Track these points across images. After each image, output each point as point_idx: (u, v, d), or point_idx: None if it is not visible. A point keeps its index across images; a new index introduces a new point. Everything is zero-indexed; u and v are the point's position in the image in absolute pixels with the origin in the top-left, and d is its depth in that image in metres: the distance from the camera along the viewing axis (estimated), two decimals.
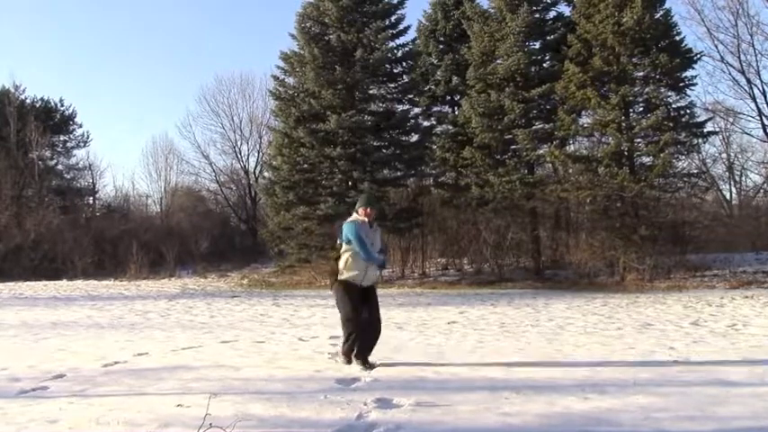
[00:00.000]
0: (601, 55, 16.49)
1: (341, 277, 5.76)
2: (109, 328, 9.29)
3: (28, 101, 30.07)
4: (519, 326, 8.89)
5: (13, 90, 29.23)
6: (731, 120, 22.26)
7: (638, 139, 16.86)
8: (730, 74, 20.44)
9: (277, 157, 19.45)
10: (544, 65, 18.84)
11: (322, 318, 10.16)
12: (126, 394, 4.88)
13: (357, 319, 5.66)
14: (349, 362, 5.74)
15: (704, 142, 18.75)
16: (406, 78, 19.96)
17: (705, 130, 17.55)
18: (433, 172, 20.99)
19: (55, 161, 31.54)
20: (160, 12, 55.12)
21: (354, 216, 5.89)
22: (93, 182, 32.28)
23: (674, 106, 16.83)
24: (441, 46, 21.88)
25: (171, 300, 13.71)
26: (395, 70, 19.90)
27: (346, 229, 5.77)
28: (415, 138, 20.01)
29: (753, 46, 19.77)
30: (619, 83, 16.47)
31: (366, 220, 5.80)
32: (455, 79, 20.46)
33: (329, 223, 16.80)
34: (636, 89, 16.69)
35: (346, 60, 18.73)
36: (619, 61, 16.47)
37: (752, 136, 22.43)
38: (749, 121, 21.47)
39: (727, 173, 25.11)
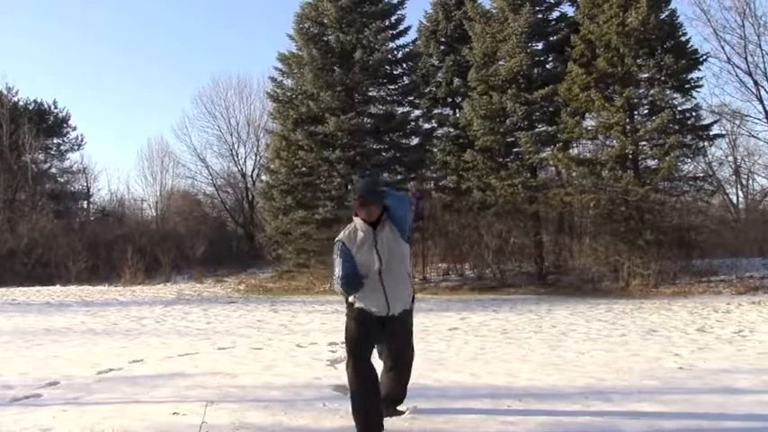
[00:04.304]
0: (605, 56, 16.40)
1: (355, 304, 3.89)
2: (103, 334, 9.20)
3: (21, 103, 29.71)
4: (521, 332, 8.80)
5: (5, 92, 28.91)
6: (738, 122, 22.02)
7: (643, 142, 16.72)
8: (737, 75, 20.19)
9: (275, 161, 19.37)
10: (547, 66, 18.73)
11: (320, 324, 10.06)
12: (120, 402, 4.85)
13: (358, 369, 3.78)
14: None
15: (710, 145, 18.50)
16: (406, 80, 19.86)
17: (711, 133, 17.35)
18: (434, 175, 20.93)
19: (48, 164, 31.16)
20: (157, 12, 55.20)
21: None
22: (87, 185, 31.91)
23: (679, 108, 16.67)
24: (442, 47, 21.74)
25: (166, 305, 13.58)
26: (395, 72, 19.82)
27: None
28: (415, 140, 19.96)
29: (760, 47, 19.51)
30: (623, 84, 16.37)
31: (361, 222, 3.78)
32: (456, 81, 20.31)
33: (328, 228, 16.64)
34: (641, 91, 16.61)
35: (345, 62, 18.62)
36: (623, 62, 16.36)
37: (759, 139, 22.18)
38: (756, 123, 21.19)
39: (733, 176, 24.91)
